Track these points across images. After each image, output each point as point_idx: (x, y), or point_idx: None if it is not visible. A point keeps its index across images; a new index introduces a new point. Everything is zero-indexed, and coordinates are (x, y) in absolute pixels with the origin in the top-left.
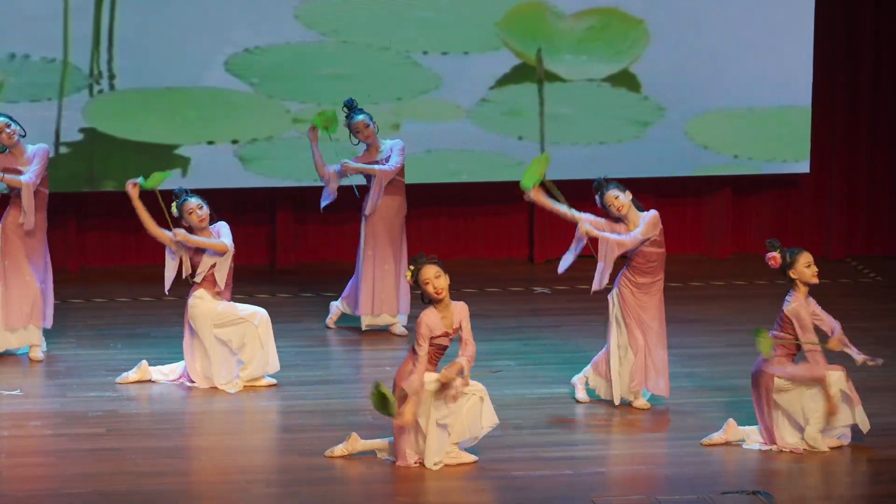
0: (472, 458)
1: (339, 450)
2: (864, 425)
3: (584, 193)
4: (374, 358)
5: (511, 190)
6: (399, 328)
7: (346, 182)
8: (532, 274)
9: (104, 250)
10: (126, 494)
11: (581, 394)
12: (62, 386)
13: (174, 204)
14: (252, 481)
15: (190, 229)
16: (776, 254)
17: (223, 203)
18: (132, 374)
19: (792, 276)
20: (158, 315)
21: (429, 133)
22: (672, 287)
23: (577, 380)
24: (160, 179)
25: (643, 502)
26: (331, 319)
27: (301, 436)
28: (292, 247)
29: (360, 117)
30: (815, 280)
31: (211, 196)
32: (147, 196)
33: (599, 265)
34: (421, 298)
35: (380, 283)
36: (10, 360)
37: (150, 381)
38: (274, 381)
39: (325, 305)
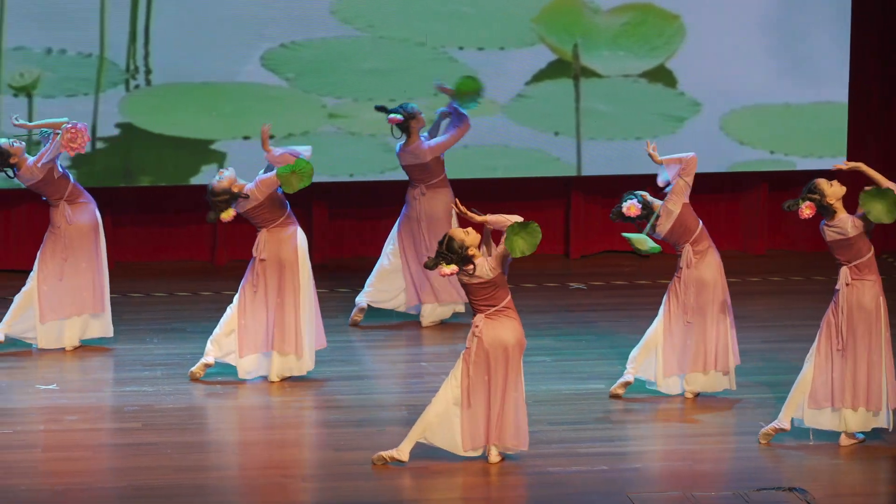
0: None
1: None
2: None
3: (619, 188)
4: (411, 353)
5: (547, 185)
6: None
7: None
8: (568, 269)
9: (140, 245)
10: (161, 489)
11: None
12: (98, 381)
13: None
14: (288, 476)
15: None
16: (805, 204)
17: None
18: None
19: (830, 202)
20: (194, 310)
21: None
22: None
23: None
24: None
25: (679, 498)
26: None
27: (337, 431)
28: (328, 242)
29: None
30: (844, 188)
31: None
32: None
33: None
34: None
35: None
36: (46, 354)
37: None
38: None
39: None
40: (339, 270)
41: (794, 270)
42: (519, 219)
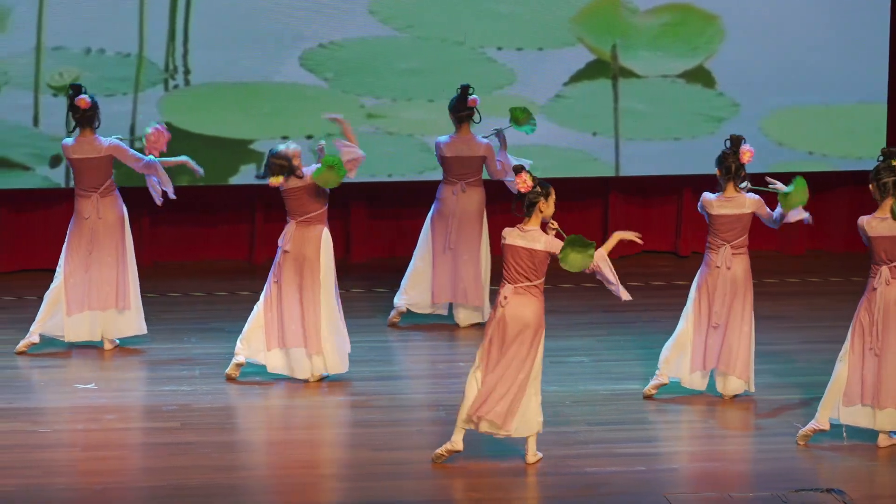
0: None
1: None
2: None
3: (657, 189)
4: (447, 353)
5: (585, 185)
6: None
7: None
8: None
9: (178, 245)
10: (199, 488)
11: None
12: (137, 380)
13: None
14: (324, 475)
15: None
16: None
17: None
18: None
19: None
20: (232, 309)
21: (502, 128)
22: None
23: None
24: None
25: (716, 499)
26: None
27: (373, 430)
28: (366, 241)
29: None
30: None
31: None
32: None
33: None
34: (517, 209)
35: (461, 273)
36: (84, 353)
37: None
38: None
39: None
40: (377, 270)
41: (833, 271)
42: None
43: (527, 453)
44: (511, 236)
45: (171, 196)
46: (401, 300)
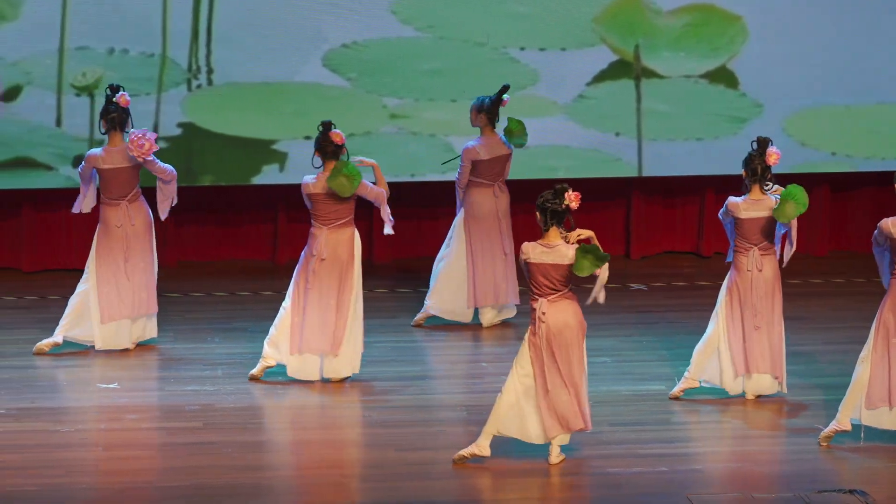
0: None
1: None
2: None
3: (680, 189)
4: (472, 354)
5: (607, 185)
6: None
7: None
8: (628, 270)
9: (201, 244)
10: (222, 488)
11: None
12: (159, 380)
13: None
14: (348, 476)
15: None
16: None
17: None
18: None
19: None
20: (255, 309)
21: (526, 129)
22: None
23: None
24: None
25: (739, 500)
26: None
27: (397, 431)
28: (389, 242)
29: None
30: None
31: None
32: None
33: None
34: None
35: (504, 272)
36: (107, 353)
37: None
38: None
39: (421, 301)
40: (400, 271)
41: (856, 272)
42: None
43: (550, 454)
44: (535, 254)
45: (174, 202)
46: (431, 303)
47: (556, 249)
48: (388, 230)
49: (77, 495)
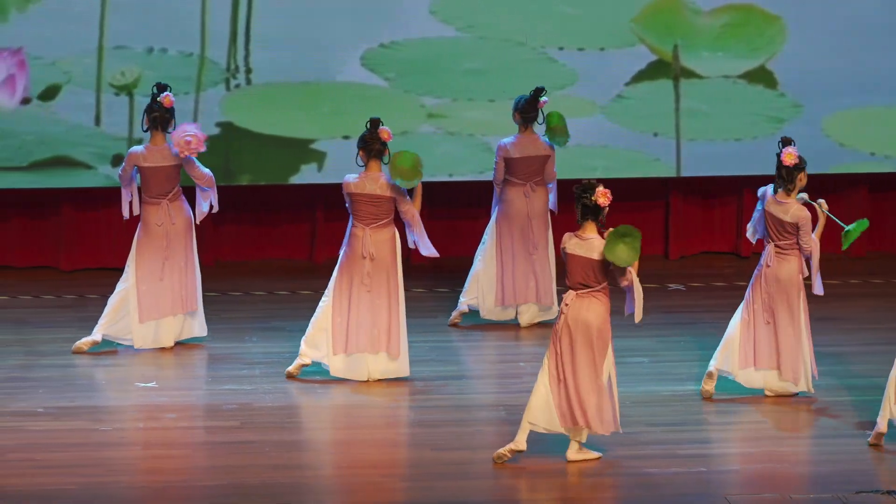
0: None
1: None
2: None
3: (718, 190)
4: (509, 353)
5: (646, 185)
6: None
7: None
8: (667, 270)
9: (239, 244)
10: (259, 487)
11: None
12: (198, 379)
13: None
14: (386, 475)
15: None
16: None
17: None
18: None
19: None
20: (293, 309)
21: None
22: (807, 285)
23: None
24: None
25: (777, 501)
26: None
27: (434, 430)
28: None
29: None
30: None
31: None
32: None
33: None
34: (581, 216)
35: (535, 271)
36: (145, 352)
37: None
38: None
39: (458, 300)
40: (438, 270)
41: (895, 273)
42: None
43: (569, 448)
44: (570, 244)
45: (215, 209)
46: (464, 300)
47: (588, 242)
48: (428, 251)
49: (116, 494)
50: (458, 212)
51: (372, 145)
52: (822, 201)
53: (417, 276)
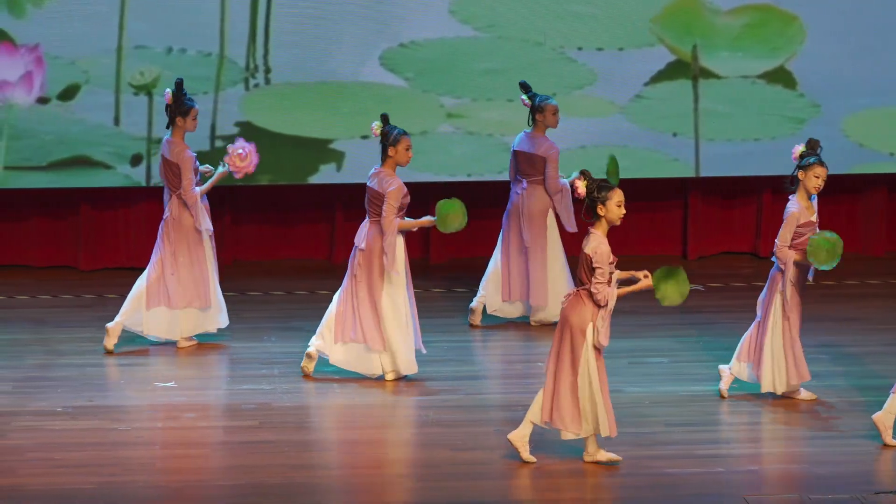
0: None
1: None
2: None
3: (737, 190)
4: (526, 353)
5: (665, 186)
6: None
7: None
8: (686, 271)
9: (258, 244)
10: (278, 487)
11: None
12: (216, 378)
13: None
14: (403, 475)
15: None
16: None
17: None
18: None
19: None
20: (312, 309)
21: (583, 129)
22: (826, 285)
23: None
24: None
25: (795, 501)
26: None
27: (452, 430)
28: (446, 242)
29: (554, 102)
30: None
31: (364, 190)
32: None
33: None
34: (585, 215)
35: (528, 271)
36: (164, 351)
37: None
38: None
39: None
40: (456, 270)
41: None
42: None
43: (585, 452)
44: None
45: (205, 230)
46: (475, 298)
47: (588, 237)
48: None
49: (134, 493)
50: (476, 212)
51: (381, 142)
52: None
53: (435, 276)
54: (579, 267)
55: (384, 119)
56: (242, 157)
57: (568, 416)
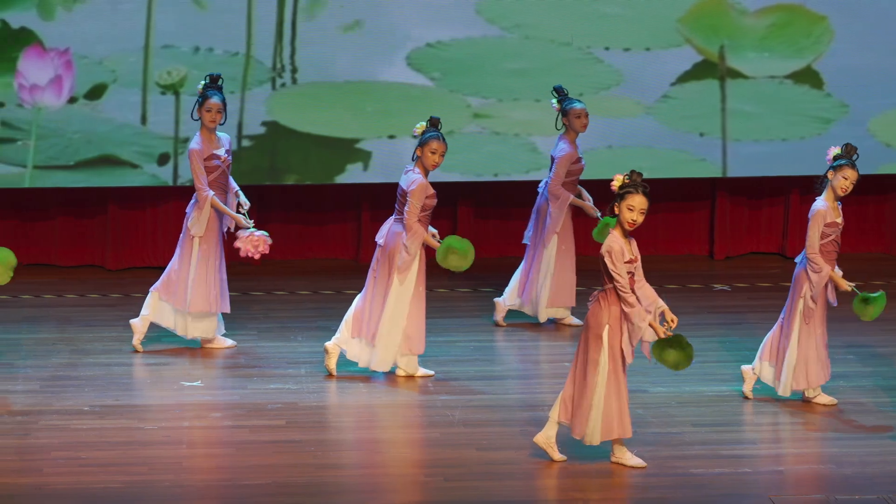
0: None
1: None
2: None
3: (764, 190)
4: (553, 353)
5: (692, 186)
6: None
7: None
8: (712, 270)
9: (285, 243)
10: (304, 486)
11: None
12: (242, 378)
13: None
14: (430, 475)
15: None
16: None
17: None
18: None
19: (615, 211)
20: (338, 308)
21: (610, 129)
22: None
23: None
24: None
25: (822, 501)
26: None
27: (479, 430)
28: (472, 241)
29: (582, 105)
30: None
31: (390, 190)
32: None
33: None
34: (608, 214)
35: (571, 275)
36: (191, 350)
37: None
38: None
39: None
40: (483, 270)
41: None
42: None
43: (612, 453)
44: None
45: (226, 228)
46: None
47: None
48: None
49: (160, 493)
50: (502, 212)
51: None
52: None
53: (461, 275)
54: (600, 269)
55: (432, 122)
56: (255, 244)
57: (577, 418)
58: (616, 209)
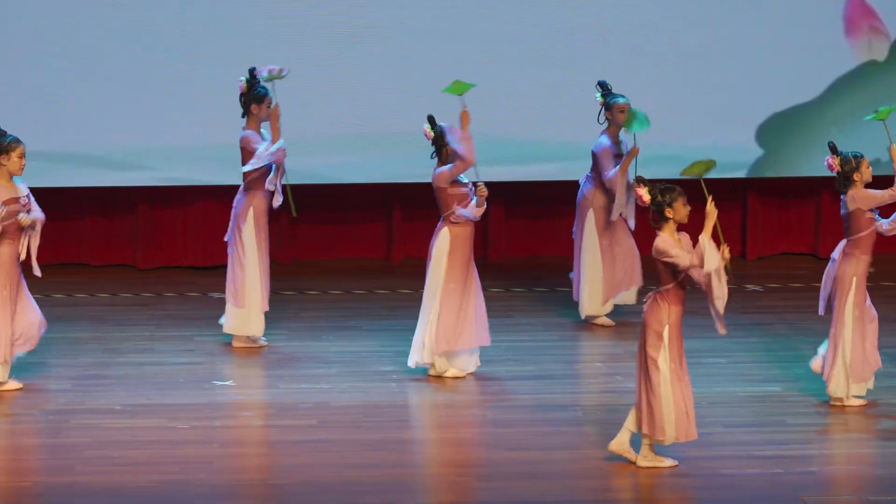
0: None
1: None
2: None
3: (795, 190)
4: (587, 353)
5: (723, 186)
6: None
7: None
8: (744, 270)
9: (317, 243)
10: (335, 486)
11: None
12: (274, 377)
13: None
14: (462, 475)
15: None
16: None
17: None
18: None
19: (668, 215)
20: (370, 308)
21: None
22: (886, 286)
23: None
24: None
25: (854, 503)
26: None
27: (511, 430)
28: (504, 241)
29: (625, 100)
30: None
31: (421, 190)
32: None
33: None
34: (652, 220)
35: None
36: (223, 350)
37: None
38: None
39: (535, 300)
40: (514, 269)
41: None
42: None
43: (640, 454)
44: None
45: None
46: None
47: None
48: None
49: (192, 492)
50: (536, 211)
51: (433, 144)
52: None
53: (494, 274)
54: (658, 270)
55: (430, 121)
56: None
57: (652, 423)
58: (669, 213)
